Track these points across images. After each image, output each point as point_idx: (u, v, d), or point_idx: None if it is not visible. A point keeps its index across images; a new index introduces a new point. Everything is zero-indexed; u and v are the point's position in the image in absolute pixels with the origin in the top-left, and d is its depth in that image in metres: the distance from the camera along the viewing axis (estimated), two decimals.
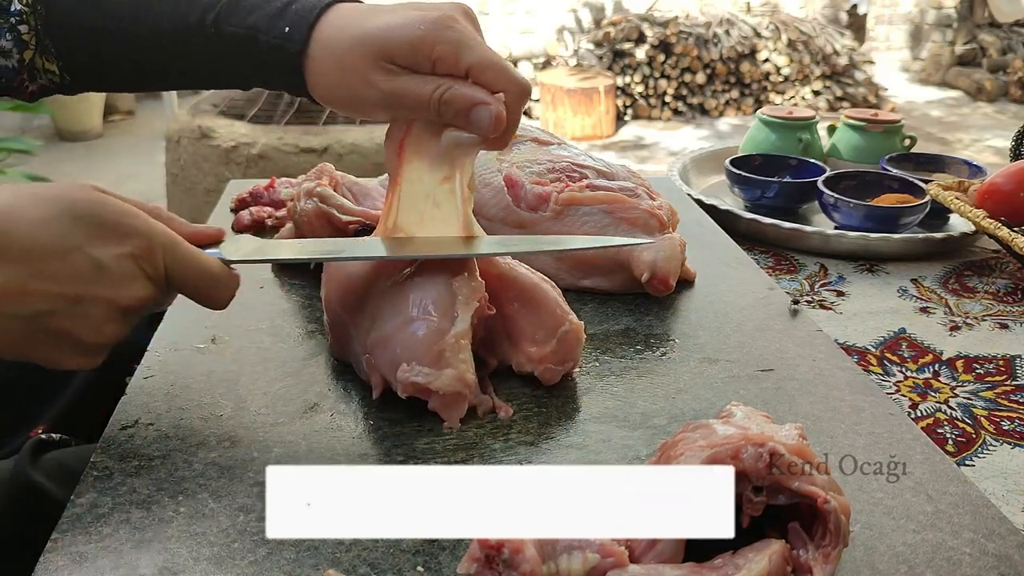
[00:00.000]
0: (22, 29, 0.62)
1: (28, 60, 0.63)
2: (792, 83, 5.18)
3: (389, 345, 0.55)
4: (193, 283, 0.51)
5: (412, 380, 0.53)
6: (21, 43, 0.62)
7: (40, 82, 0.65)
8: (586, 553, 0.39)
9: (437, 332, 0.54)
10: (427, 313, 0.55)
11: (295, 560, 0.44)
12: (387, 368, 0.55)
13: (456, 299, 0.55)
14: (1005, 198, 0.87)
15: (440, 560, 0.44)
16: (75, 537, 0.45)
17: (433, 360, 0.54)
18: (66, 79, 0.65)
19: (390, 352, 0.55)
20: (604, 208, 0.73)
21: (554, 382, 0.60)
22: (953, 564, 0.44)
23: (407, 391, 0.54)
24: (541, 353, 0.59)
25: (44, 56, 0.63)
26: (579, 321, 0.60)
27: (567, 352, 0.59)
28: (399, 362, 0.54)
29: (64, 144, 4.52)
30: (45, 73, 0.64)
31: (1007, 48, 5.74)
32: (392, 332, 0.55)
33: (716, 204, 1.02)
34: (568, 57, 5.10)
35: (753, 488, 0.41)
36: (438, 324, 0.54)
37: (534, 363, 0.60)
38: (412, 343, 0.54)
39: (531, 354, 0.60)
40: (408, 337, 0.54)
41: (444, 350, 0.54)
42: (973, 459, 0.61)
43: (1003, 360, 0.74)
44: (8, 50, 0.62)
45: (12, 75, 0.64)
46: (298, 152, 2.29)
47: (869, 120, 1.14)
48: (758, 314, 0.72)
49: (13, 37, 0.62)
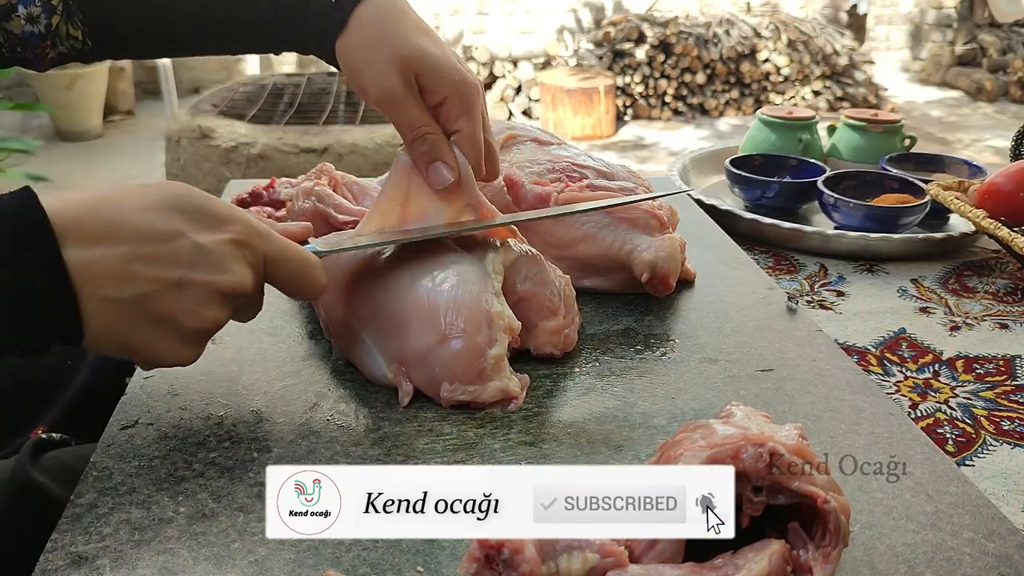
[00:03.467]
0: None
1: (55, 26, 0.64)
2: (792, 83, 5.18)
3: (426, 363, 0.57)
4: (288, 271, 0.52)
5: (458, 399, 0.57)
6: (50, 8, 0.64)
7: (60, 49, 0.66)
8: (586, 553, 0.39)
9: (476, 350, 0.56)
10: (461, 331, 0.56)
11: (295, 560, 0.44)
12: (425, 384, 0.58)
13: (491, 313, 0.57)
14: (1005, 198, 0.87)
15: (440, 560, 0.44)
16: (75, 537, 0.45)
17: (475, 377, 0.56)
18: (88, 45, 0.67)
19: (428, 370, 0.57)
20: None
21: (572, 346, 0.63)
22: (953, 564, 0.44)
23: (451, 405, 0.57)
24: (558, 323, 0.62)
25: (70, 22, 0.65)
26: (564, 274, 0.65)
27: (571, 309, 0.63)
28: (440, 380, 0.57)
29: (64, 144, 4.52)
30: (68, 39, 0.66)
31: (1007, 48, 5.74)
32: (427, 351, 0.57)
33: (716, 204, 1.02)
34: (568, 57, 5.10)
35: (753, 488, 0.41)
36: (475, 341, 0.56)
37: (555, 335, 0.62)
38: (452, 363, 0.56)
39: (550, 328, 0.62)
40: (447, 356, 0.56)
41: (485, 368, 0.56)
42: (973, 459, 0.61)
43: (1003, 360, 0.74)
44: (36, 16, 0.63)
45: (37, 41, 0.65)
46: (298, 152, 2.29)
47: (869, 120, 1.14)
48: (758, 314, 0.72)
49: (43, 3, 0.63)
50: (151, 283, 0.45)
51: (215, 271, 0.48)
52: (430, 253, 0.60)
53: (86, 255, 0.44)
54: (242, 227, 0.49)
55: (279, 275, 0.52)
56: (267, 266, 0.51)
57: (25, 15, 0.63)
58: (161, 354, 0.48)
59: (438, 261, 0.60)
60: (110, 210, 0.45)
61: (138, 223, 0.45)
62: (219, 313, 0.49)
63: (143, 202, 0.46)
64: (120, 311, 0.45)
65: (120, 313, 0.45)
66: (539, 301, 0.62)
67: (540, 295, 0.62)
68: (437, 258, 0.60)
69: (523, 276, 0.62)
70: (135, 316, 0.46)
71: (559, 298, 0.63)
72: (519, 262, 0.62)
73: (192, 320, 0.48)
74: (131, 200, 0.46)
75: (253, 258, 0.50)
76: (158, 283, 0.46)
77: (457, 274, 0.58)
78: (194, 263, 0.47)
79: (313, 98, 2.65)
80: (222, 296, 0.48)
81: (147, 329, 0.47)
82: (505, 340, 0.57)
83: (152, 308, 0.46)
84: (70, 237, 0.43)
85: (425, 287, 0.58)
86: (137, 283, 0.45)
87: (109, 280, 0.44)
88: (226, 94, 2.69)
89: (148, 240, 0.45)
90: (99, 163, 4.26)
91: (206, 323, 0.48)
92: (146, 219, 0.46)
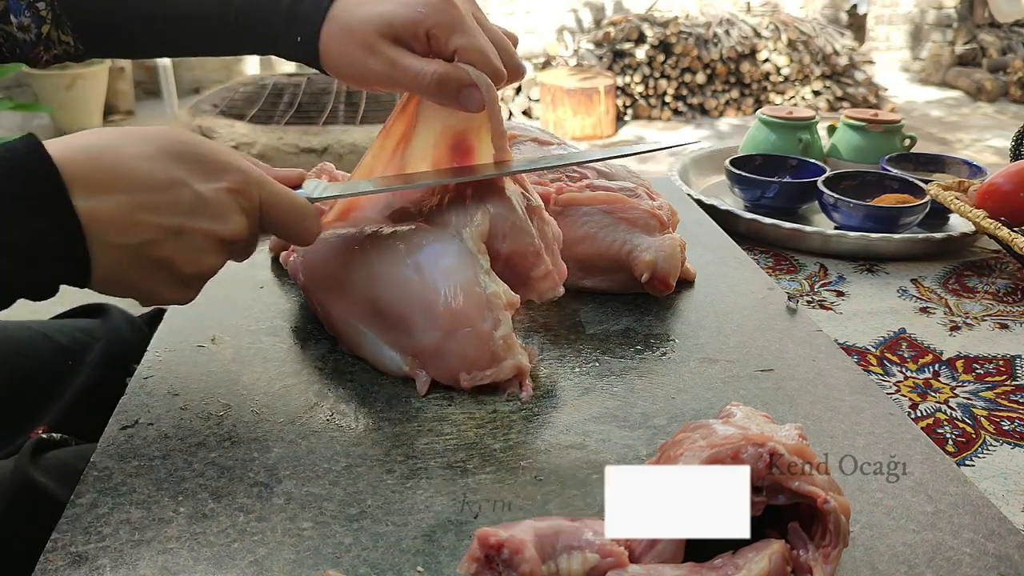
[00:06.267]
0: (40, 6, 0.65)
1: (45, 34, 0.66)
2: (792, 83, 5.18)
3: (440, 356, 0.59)
4: (283, 218, 0.54)
5: (477, 384, 0.59)
6: (39, 19, 0.65)
7: (54, 51, 0.68)
8: (586, 553, 0.39)
9: (485, 336, 0.57)
10: (465, 322, 0.57)
11: (295, 560, 0.44)
12: (443, 375, 0.59)
13: (488, 296, 0.58)
14: (1005, 198, 0.87)
15: (440, 560, 0.44)
16: (75, 537, 0.45)
17: (489, 362, 0.58)
18: (80, 48, 0.68)
19: (443, 362, 0.59)
20: (604, 208, 0.73)
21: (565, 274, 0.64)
22: (953, 564, 0.44)
23: (471, 387, 0.59)
24: (547, 266, 0.62)
25: (60, 29, 0.66)
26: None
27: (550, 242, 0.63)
28: (456, 371, 0.58)
29: None
30: (60, 44, 0.67)
31: (1007, 48, 5.74)
32: (437, 345, 0.58)
33: (716, 204, 1.02)
34: (568, 57, 5.10)
35: (753, 488, 0.41)
36: (482, 329, 0.57)
37: (549, 278, 0.62)
38: (464, 353, 0.58)
39: (542, 273, 0.62)
40: (458, 348, 0.58)
41: (497, 351, 0.58)
42: (973, 459, 0.61)
43: (1003, 360, 0.74)
44: (27, 26, 0.65)
45: (29, 47, 0.67)
46: (298, 152, 2.30)
47: (869, 120, 1.14)
48: (758, 314, 0.72)
49: (32, 14, 0.65)
50: (152, 231, 0.48)
51: (213, 220, 0.50)
52: (406, 240, 0.60)
53: (91, 203, 0.46)
54: (239, 175, 0.51)
55: (273, 221, 0.54)
56: (262, 212, 0.53)
57: (16, 24, 0.65)
58: (162, 295, 0.51)
59: (419, 248, 0.59)
60: (113, 159, 0.47)
61: (140, 173, 0.47)
62: (216, 259, 0.52)
63: (146, 150, 0.48)
64: (122, 256, 0.48)
65: (122, 258, 0.48)
66: (523, 253, 0.61)
67: (522, 247, 0.61)
68: (417, 244, 0.60)
69: (501, 237, 0.60)
70: (136, 260, 0.48)
71: (537, 237, 0.62)
72: (493, 225, 0.60)
73: (190, 266, 0.50)
74: (135, 147, 0.48)
75: (249, 205, 0.52)
76: (159, 230, 0.48)
77: (443, 260, 0.58)
78: (193, 212, 0.49)
79: (313, 98, 2.66)
80: (219, 243, 0.51)
81: (147, 272, 0.49)
82: (508, 317, 0.58)
83: (153, 254, 0.48)
84: (75, 184, 0.45)
85: (416, 281, 0.58)
86: (139, 230, 0.47)
87: (113, 227, 0.47)
88: (226, 94, 2.69)
89: (149, 189, 0.47)
90: None
91: (203, 268, 0.51)
92: (147, 168, 0.48)
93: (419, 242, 0.60)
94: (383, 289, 0.60)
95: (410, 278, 0.59)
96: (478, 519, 0.47)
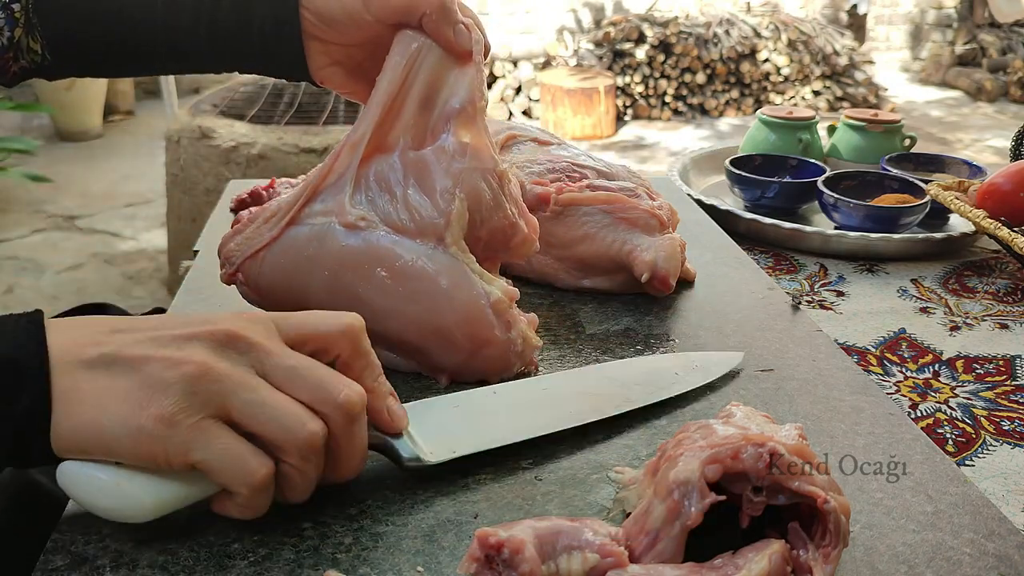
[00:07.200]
0: (14, 8, 0.61)
1: (17, 38, 0.62)
2: (792, 83, 5.19)
3: (468, 370, 0.60)
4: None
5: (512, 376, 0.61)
6: (12, 21, 0.61)
7: (22, 63, 0.64)
8: (586, 553, 0.39)
9: (505, 345, 0.59)
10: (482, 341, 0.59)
11: (295, 560, 0.44)
12: (477, 380, 0.61)
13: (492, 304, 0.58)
14: (1005, 198, 0.87)
15: (440, 560, 0.44)
16: (75, 537, 0.45)
17: (516, 361, 0.60)
18: (47, 60, 0.64)
19: (474, 374, 0.60)
20: (604, 208, 0.73)
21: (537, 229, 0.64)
22: (953, 564, 0.44)
23: None
24: (524, 231, 0.62)
25: (31, 35, 0.62)
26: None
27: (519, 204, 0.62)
28: (490, 375, 0.61)
29: (64, 144, 4.52)
30: (28, 52, 0.63)
31: (1007, 48, 5.75)
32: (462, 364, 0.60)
33: (716, 204, 1.02)
34: (568, 57, 5.10)
35: (753, 488, 0.41)
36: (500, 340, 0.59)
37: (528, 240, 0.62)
38: (492, 364, 0.60)
39: (520, 239, 0.62)
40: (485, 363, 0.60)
41: (520, 350, 0.60)
42: (973, 459, 0.61)
43: (1003, 360, 0.74)
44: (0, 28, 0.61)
45: (1, 53, 0.62)
46: (298, 152, 2.29)
47: (869, 120, 1.14)
48: (758, 314, 0.72)
49: (6, 15, 0.61)
50: None
51: None
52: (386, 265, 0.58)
53: None
54: None
55: None
56: None
57: None
58: None
59: (405, 275, 0.57)
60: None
61: None
62: None
63: None
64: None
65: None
66: (500, 229, 0.61)
67: (498, 225, 0.60)
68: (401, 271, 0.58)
69: (478, 223, 0.59)
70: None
71: (508, 208, 0.61)
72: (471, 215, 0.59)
73: None
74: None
75: None
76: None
77: (437, 282, 0.57)
78: None
79: (313, 98, 2.66)
80: None
81: None
82: (515, 309, 0.59)
83: None
84: None
85: (417, 312, 0.58)
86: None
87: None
88: (226, 94, 2.69)
89: None
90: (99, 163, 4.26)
91: None
92: None
93: (402, 268, 0.58)
94: (384, 322, 0.58)
95: (409, 310, 0.58)
96: (478, 519, 0.47)
